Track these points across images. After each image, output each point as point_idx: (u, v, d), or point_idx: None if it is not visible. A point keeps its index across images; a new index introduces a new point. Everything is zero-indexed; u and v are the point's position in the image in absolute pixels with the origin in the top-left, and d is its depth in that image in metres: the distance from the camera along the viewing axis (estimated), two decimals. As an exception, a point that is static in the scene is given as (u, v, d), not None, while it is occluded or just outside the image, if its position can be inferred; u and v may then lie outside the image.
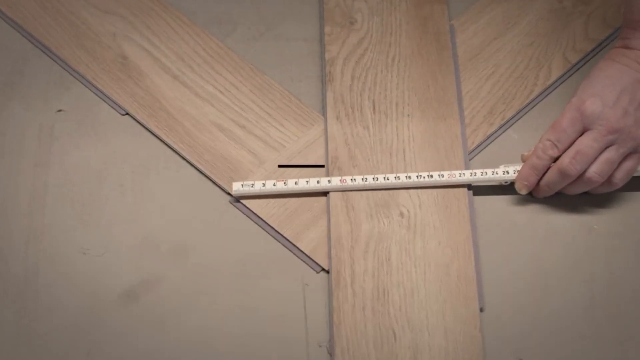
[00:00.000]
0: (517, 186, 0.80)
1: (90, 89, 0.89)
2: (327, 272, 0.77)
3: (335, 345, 0.72)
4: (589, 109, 0.77)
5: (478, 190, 0.82)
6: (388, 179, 0.80)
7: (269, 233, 0.80)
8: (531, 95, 0.88)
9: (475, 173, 0.80)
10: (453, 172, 0.81)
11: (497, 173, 0.81)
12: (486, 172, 0.81)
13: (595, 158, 0.77)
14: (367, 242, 0.78)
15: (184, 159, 0.84)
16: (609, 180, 0.78)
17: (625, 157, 0.78)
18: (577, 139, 0.78)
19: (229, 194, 0.82)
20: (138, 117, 0.87)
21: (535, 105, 0.87)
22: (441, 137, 0.85)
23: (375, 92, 0.88)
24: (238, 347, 0.73)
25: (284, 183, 0.80)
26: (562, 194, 0.80)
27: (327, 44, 0.92)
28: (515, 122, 0.86)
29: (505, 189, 0.82)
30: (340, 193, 0.81)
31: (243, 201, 0.82)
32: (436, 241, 0.78)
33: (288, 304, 0.75)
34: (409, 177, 0.80)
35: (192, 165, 0.84)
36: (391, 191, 0.81)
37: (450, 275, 0.76)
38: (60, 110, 0.87)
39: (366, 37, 0.92)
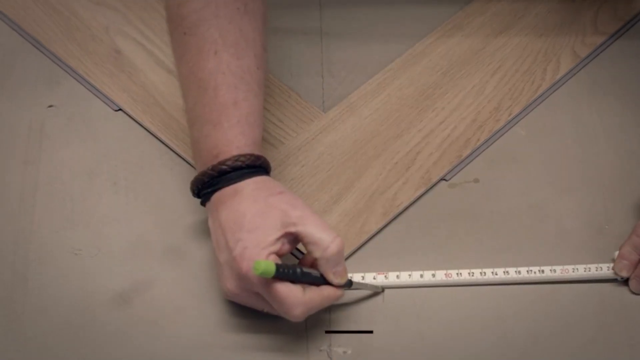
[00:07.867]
0: (616, 267, 0.74)
1: (82, 84, 0.88)
2: (328, 273, 0.76)
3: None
4: None
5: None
6: (496, 274, 0.75)
7: (267, 233, 0.78)
8: (539, 91, 0.87)
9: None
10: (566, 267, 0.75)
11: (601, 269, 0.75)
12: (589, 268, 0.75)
13: None
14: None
15: (179, 156, 0.83)
16: None
17: None
18: None
19: (225, 192, 0.81)
20: (132, 113, 0.86)
21: (543, 100, 0.87)
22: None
23: (377, 87, 0.88)
24: (236, 350, 0.72)
25: (385, 276, 0.74)
26: None
27: (328, 38, 0.91)
28: (522, 118, 0.86)
29: None
30: None
31: (240, 200, 0.80)
32: None
33: (287, 307, 0.74)
34: (519, 273, 0.75)
35: (187, 162, 0.83)
36: None
37: None
38: (51, 106, 0.87)
39: (367, 31, 0.92)
